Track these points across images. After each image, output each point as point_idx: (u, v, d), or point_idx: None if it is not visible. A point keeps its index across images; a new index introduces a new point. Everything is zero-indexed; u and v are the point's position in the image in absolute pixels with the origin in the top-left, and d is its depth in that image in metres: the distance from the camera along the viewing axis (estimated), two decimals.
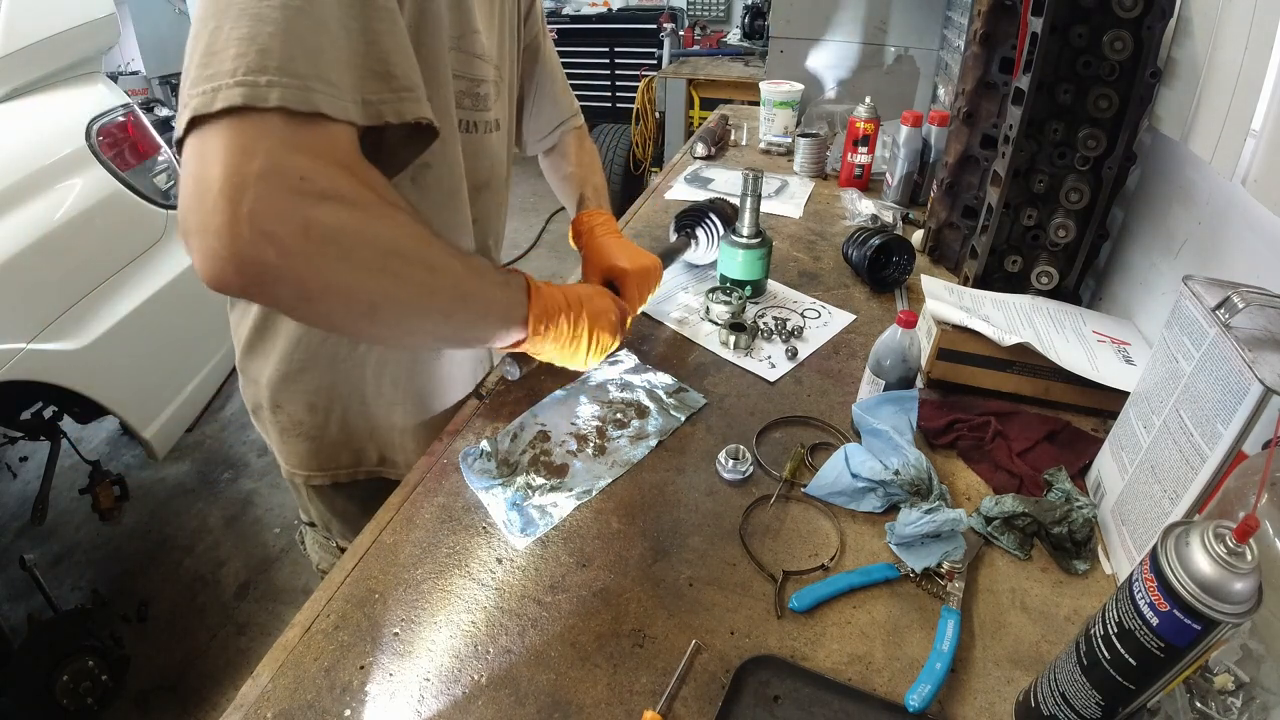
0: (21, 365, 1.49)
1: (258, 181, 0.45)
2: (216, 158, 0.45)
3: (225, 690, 1.74)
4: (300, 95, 0.47)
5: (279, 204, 0.46)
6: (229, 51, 0.46)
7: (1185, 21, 0.92)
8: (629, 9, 4.89)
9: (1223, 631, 0.44)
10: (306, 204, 0.47)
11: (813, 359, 1.03)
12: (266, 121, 0.46)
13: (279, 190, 0.46)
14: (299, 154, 0.47)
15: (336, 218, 0.49)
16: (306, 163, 0.47)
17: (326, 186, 0.48)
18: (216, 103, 0.45)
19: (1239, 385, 0.56)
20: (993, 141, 1.14)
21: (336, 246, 0.49)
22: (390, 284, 0.54)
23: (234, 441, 2.60)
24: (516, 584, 0.68)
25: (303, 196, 0.47)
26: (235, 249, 0.45)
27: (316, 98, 0.48)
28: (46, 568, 2.05)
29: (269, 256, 0.46)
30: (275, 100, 0.46)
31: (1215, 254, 0.87)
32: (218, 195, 0.45)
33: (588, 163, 1.12)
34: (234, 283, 0.47)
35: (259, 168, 0.45)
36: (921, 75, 2.31)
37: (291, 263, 0.48)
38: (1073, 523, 0.71)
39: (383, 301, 0.55)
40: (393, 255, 0.53)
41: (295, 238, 0.47)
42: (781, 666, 0.60)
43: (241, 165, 0.45)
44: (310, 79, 0.47)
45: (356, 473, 0.94)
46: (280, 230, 0.46)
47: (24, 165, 1.59)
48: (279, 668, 0.60)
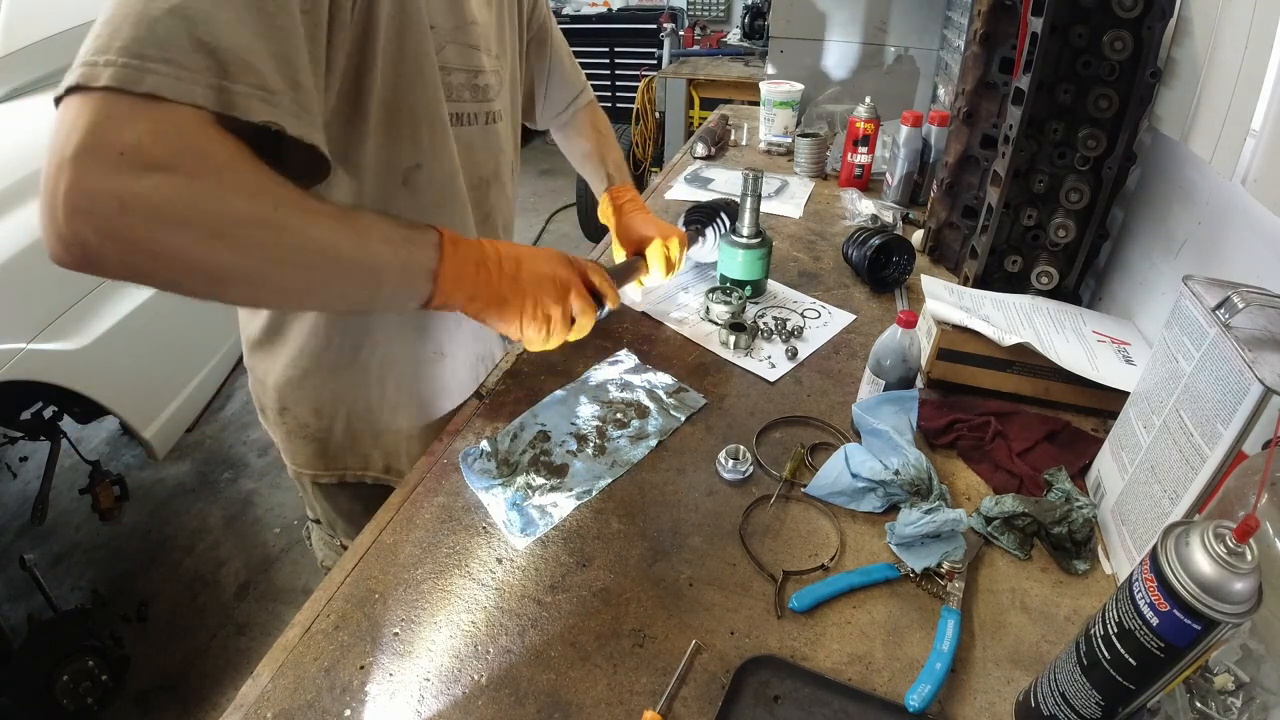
0: (21, 365, 1.49)
1: (73, 159, 0.45)
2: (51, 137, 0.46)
3: (225, 690, 1.74)
4: (135, 76, 0.46)
5: (93, 181, 0.46)
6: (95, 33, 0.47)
7: (1185, 21, 0.92)
8: (629, 9, 4.89)
9: (1223, 631, 0.44)
10: (126, 178, 0.46)
11: (813, 359, 1.03)
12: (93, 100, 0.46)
13: (95, 167, 0.46)
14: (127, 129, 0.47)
15: (160, 190, 0.48)
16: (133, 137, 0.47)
17: (154, 159, 0.47)
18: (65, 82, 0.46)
19: (1239, 385, 0.56)
20: (993, 141, 1.14)
21: (161, 218, 0.48)
22: (231, 252, 0.52)
23: (234, 441, 2.60)
24: (516, 584, 0.68)
25: (121, 172, 0.46)
26: (56, 226, 0.46)
27: (152, 79, 0.47)
28: (46, 568, 2.05)
29: (86, 233, 0.47)
30: (105, 80, 0.46)
31: (1215, 254, 0.87)
32: (47, 175, 0.46)
33: (605, 139, 1.16)
34: (66, 259, 0.48)
35: (75, 145, 0.45)
36: (921, 75, 2.31)
37: (111, 238, 0.47)
38: (1073, 523, 0.71)
39: (227, 270, 0.54)
40: (232, 223, 0.52)
41: (112, 213, 0.47)
42: (781, 666, 0.60)
43: (63, 145, 0.45)
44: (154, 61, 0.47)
45: (363, 476, 0.94)
46: (94, 205, 0.46)
47: (24, 165, 1.59)
48: (279, 668, 0.60)
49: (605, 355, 1.01)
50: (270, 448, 2.53)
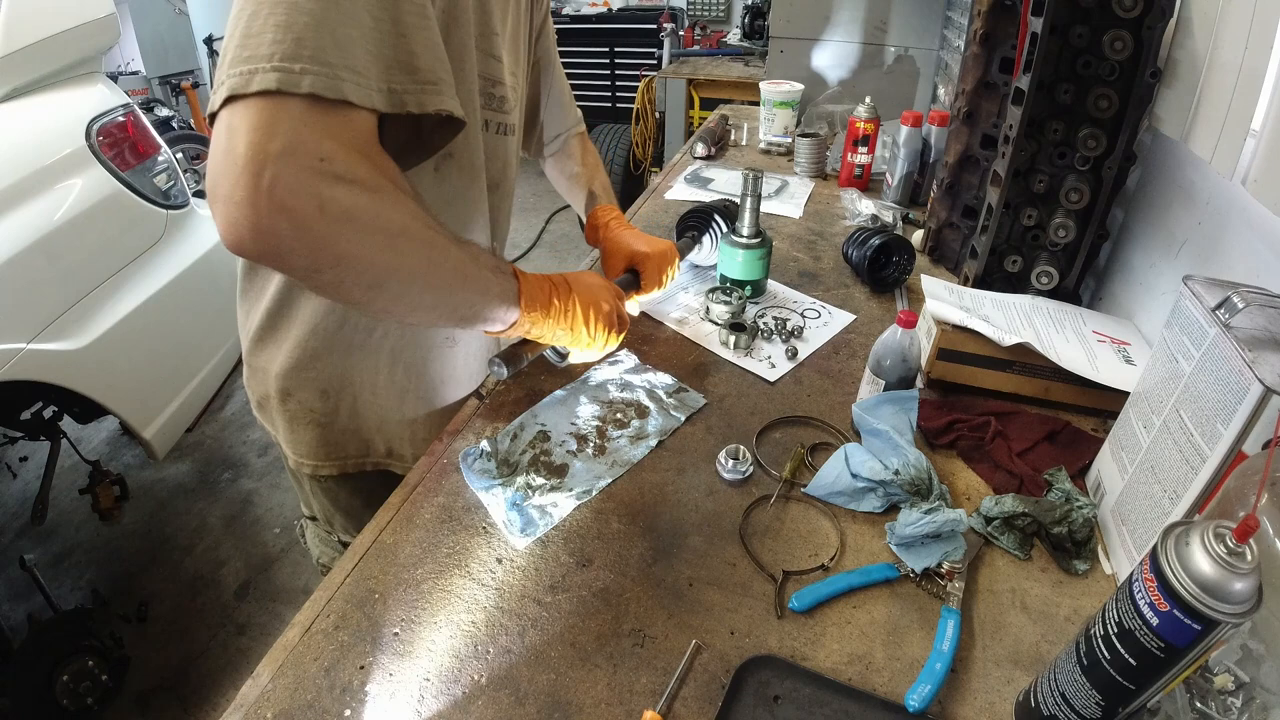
0: (21, 365, 1.49)
1: (277, 159, 0.49)
2: (243, 133, 0.49)
3: (225, 690, 1.74)
4: (330, 84, 0.50)
5: (296, 180, 0.50)
6: (266, 36, 0.50)
7: (1185, 21, 0.92)
8: (629, 9, 4.89)
9: (1223, 631, 0.44)
10: (324, 183, 0.51)
11: (813, 359, 1.03)
12: (293, 105, 0.50)
13: (298, 168, 0.50)
14: (322, 138, 0.51)
15: (351, 198, 0.52)
16: (328, 146, 0.51)
17: (344, 170, 0.52)
18: (252, 85, 0.49)
19: (1239, 385, 0.56)
20: (993, 141, 1.14)
21: (349, 224, 0.53)
22: (396, 260, 0.58)
23: (234, 441, 2.60)
24: (516, 584, 0.68)
25: (321, 176, 0.51)
26: (255, 219, 0.49)
27: (345, 86, 0.51)
28: (46, 568, 2.05)
29: (284, 228, 0.50)
30: (306, 87, 0.49)
31: (1215, 254, 0.87)
32: (242, 169, 0.48)
33: (592, 163, 1.17)
34: (251, 249, 0.51)
35: (279, 146, 0.49)
36: (921, 75, 2.31)
37: (305, 235, 0.51)
38: (1073, 523, 0.71)
39: (388, 276, 0.59)
40: (400, 236, 0.57)
41: (310, 213, 0.51)
42: (781, 666, 0.60)
43: (265, 143, 0.49)
44: (339, 68, 0.51)
45: (364, 464, 0.94)
46: (297, 204, 0.50)
47: (24, 165, 1.59)
48: (279, 668, 0.60)
49: (605, 355, 1.01)
50: (270, 448, 2.54)
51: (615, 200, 1.14)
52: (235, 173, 0.48)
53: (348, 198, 0.52)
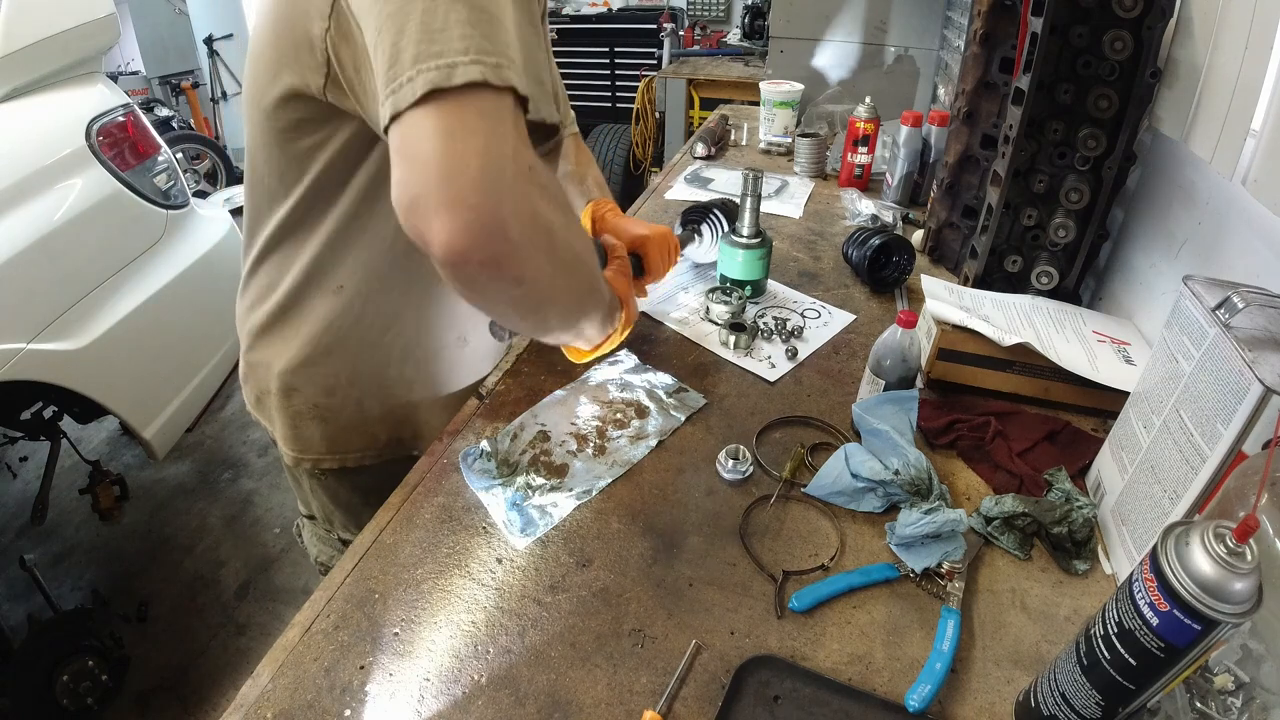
0: (21, 365, 1.49)
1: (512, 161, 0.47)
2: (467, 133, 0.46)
3: (225, 690, 1.74)
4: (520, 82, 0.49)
5: (522, 189, 0.48)
6: (454, 31, 0.47)
7: (1185, 21, 0.92)
8: (629, 9, 4.89)
9: (1223, 631, 0.44)
10: (535, 193, 0.50)
11: (813, 359, 1.03)
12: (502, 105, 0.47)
13: (523, 173, 0.48)
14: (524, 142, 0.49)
15: (550, 212, 0.52)
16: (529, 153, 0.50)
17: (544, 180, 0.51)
18: (455, 77, 0.46)
19: (1239, 385, 0.56)
20: (993, 141, 1.14)
21: (549, 239, 0.52)
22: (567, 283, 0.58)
23: (234, 441, 2.60)
24: (516, 584, 0.68)
25: (532, 186, 0.49)
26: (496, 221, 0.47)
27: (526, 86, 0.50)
28: (46, 568, 2.05)
29: (517, 233, 0.48)
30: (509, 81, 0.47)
31: (1215, 254, 0.87)
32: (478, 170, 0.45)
33: (585, 160, 1.16)
34: (482, 254, 0.48)
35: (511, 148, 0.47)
36: (921, 75, 2.31)
37: (527, 244, 0.50)
38: (1073, 523, 0.71)
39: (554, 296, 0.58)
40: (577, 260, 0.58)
41: (527, 225, 0.49)
42: (781, 666, 0.60)
43: (497, 147, 0.46)
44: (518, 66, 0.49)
45: (364, 457, 0.94)
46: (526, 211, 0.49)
47: (24, 165, 1.59)
48: (279, 668, 0.60)
49: (605, 355, 1.01)
50: (270, 448, 2.53)
51: (610, 195, 1.14)
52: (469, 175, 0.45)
53: (548, 211, 0.51)
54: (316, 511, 1.02)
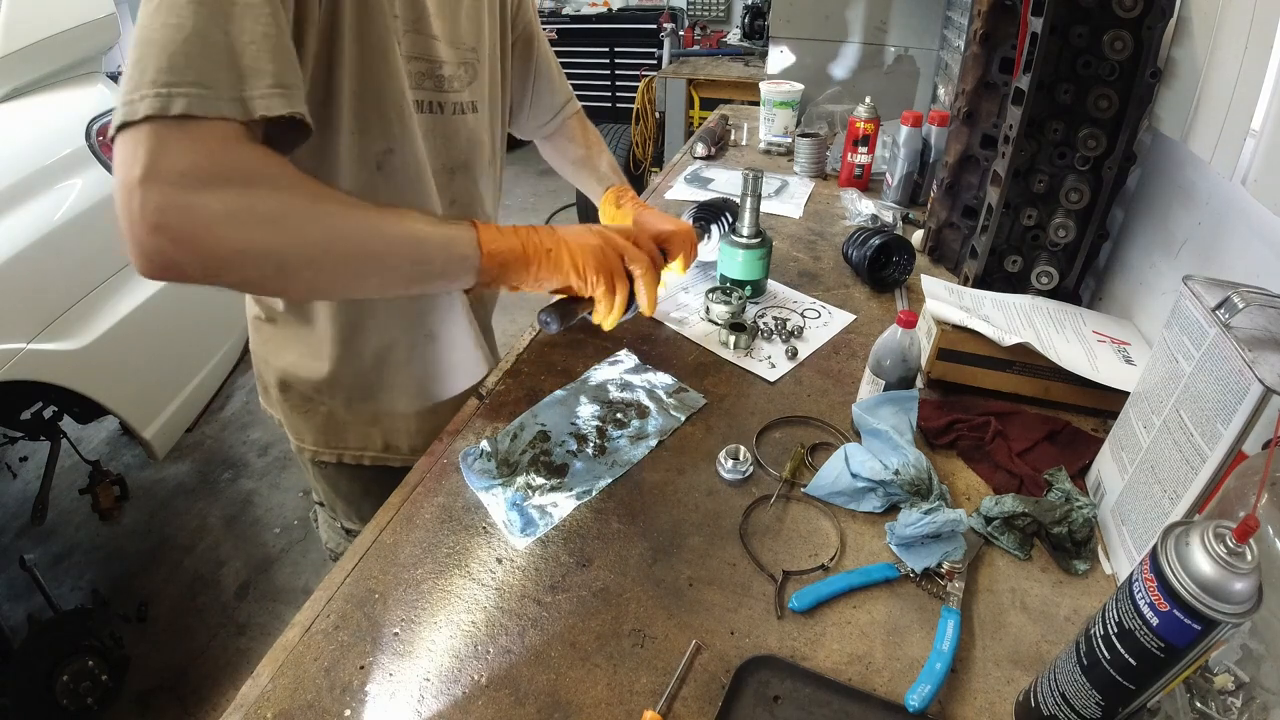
0: (21, 365, 1.49)
1: (140, 185, 0.52)
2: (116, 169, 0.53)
3: (225, 690, 1.74)
4: (163, 103, 0.52)
5: (161, 199, 0.52)
6: (127, 75, 0.53)
7: (1185, 21, 0.92)
8: (629, 9, 4.89)
9: (1223, 631, 0.44)
10: (188, 194, 0.53)
11: (813, 359, 1.03)
12: (141, 132, 0.52)
13: (160, 188, 0.52)
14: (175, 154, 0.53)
15: (221, 200, 0.54)
16: (188, 160, 0.53)
17: (208, 177, 0.54)
18: (113, 125, 0.53)
19: (1239, 385, 0.56)
20: (993, 141, 1.14)
21: (225, 224, 0.55)
22: (289, 241, 0.59)
23: (234, 441, 2.60)
24: (516, 584, 0.68)
25: (182, 189, 0.53)
26: (138, 242, 0.53)
27: (179, 103, 0.53)
28: (46, 568, 2.05)
29: (165, 244, 0.53)
30: (144, 111, 0.52)
31: (1215, 254, 0.87)
32: (119, 205, 0.53)
33: (595, 142, 1.15)
34: (150, 271, 0.54)
35: (139, 173, 0.52)
36: (921, 75, 2.31)
37: (186, 244, 0.54)
38: (1073, 523, 0.71)
39: (288, 258, 0.59)
40: (283, 218, 0.58)
41: (183, 225, 0.53)
42: (781, 666, 0.60)
43: (128, 174, 0.52)
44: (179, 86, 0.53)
45: (362, 456, 0.95)
46: (167, 220, 0.53)
47: (24, 165, 1.59)
48: (279, 668, 0.60)
49: (605, 355, 1.01)
50: (270, 447, 2.54)
51: (625, 180, 1.13)
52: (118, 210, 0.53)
53: (216, 200, 0.54)
54: (323, 498, 1.03)
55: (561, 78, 1.12)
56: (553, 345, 1.03)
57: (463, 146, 0.87)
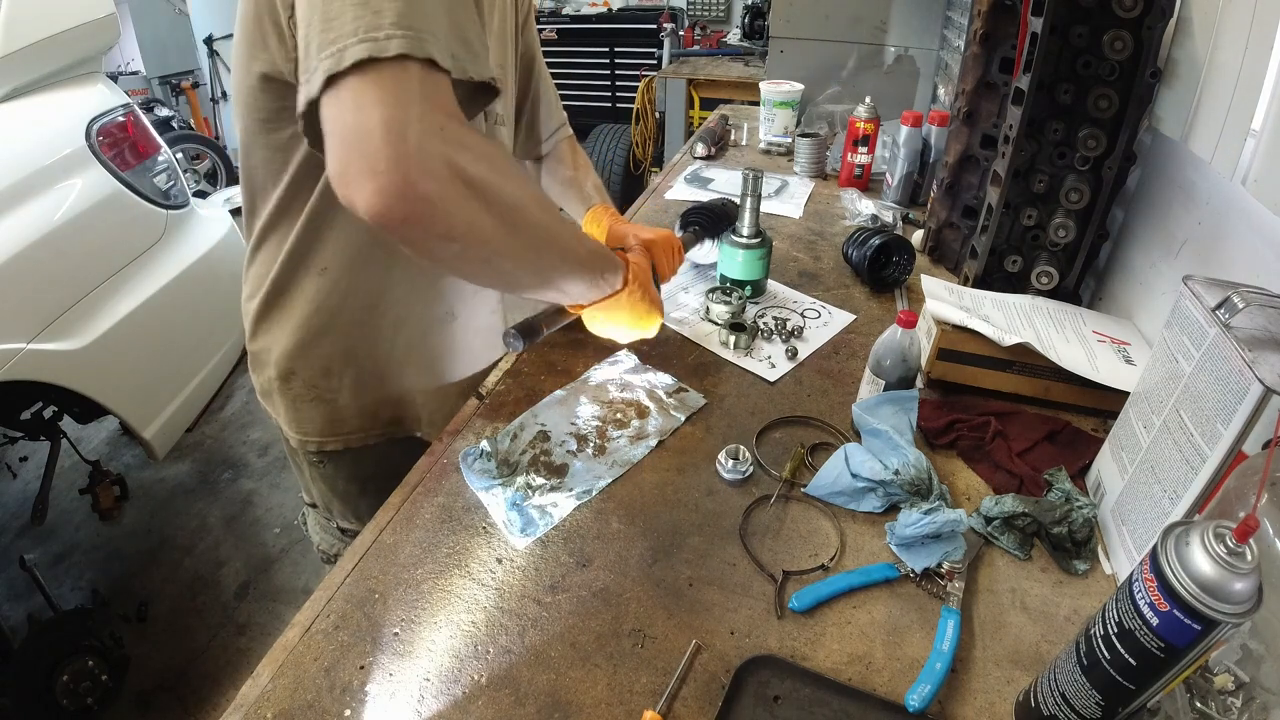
0: (21, 365, 1.49)
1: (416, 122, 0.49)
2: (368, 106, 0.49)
3: (225, 690, 1.74)
4: (416, 43, 0.50)
5: (434, 146, 0.50)
6: (346, 16, 0.50)
7: (1185, 21, 0.92)
8: (629, 9, 4.89)
9: (1223, 631, 0.44)
10: (452, 150, 0.52)
11: (813, 359, 1.03)
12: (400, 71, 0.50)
13: (430, 134, 0.50)
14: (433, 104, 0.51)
15: (476, 167, 0.54)
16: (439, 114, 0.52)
17: (460, 137, 0.53)
18: (345, 60, 0.49)
19: (1239, 385, 0.56)
20: (993, 141, 1.14)
21: (479, 192, 0.54)
22: (510, 235, 0.60)
23: (234, 441, 2.60)
24: (516, 584, 0.68)
25: (447, 142, 0.51)
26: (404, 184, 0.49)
27: (430, 47, 0.51)
28: (46, 568, 2.05)
29: (432, 190, 0.51)
30: (395, 49, 0.49)
31: (1215, 254, 0.87)
32: (381, 138, 0.48)
33: (583, 165, 1.17)
34: (399, 214, 0.51)
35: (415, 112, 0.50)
36: (921, 75, 2.31)
37: (446, 200, 0.52)
38: (1073, 523, 0.71)
39: (502, 249, 0.60)
40: (517, 209, 0.59)
41: (450, 178, 0.52)
42: (781, 666, 0.60)
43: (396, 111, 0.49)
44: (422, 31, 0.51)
45: (367, 437, 0.95)
46: (437, 168, 0.51)
47: (24, 165, 1.59)
48: (279, 668, 0.60)
49: (605, 355, 1.01)
50: (270, 447, 2.54)
51: (609, 200, 1.14)
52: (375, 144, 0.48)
53: (473, 166, 0.53)
54: (317, 499, 1.03)
55: (557, 101, 1.14)
56: (553, 345, 1.03)
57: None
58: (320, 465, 0.97)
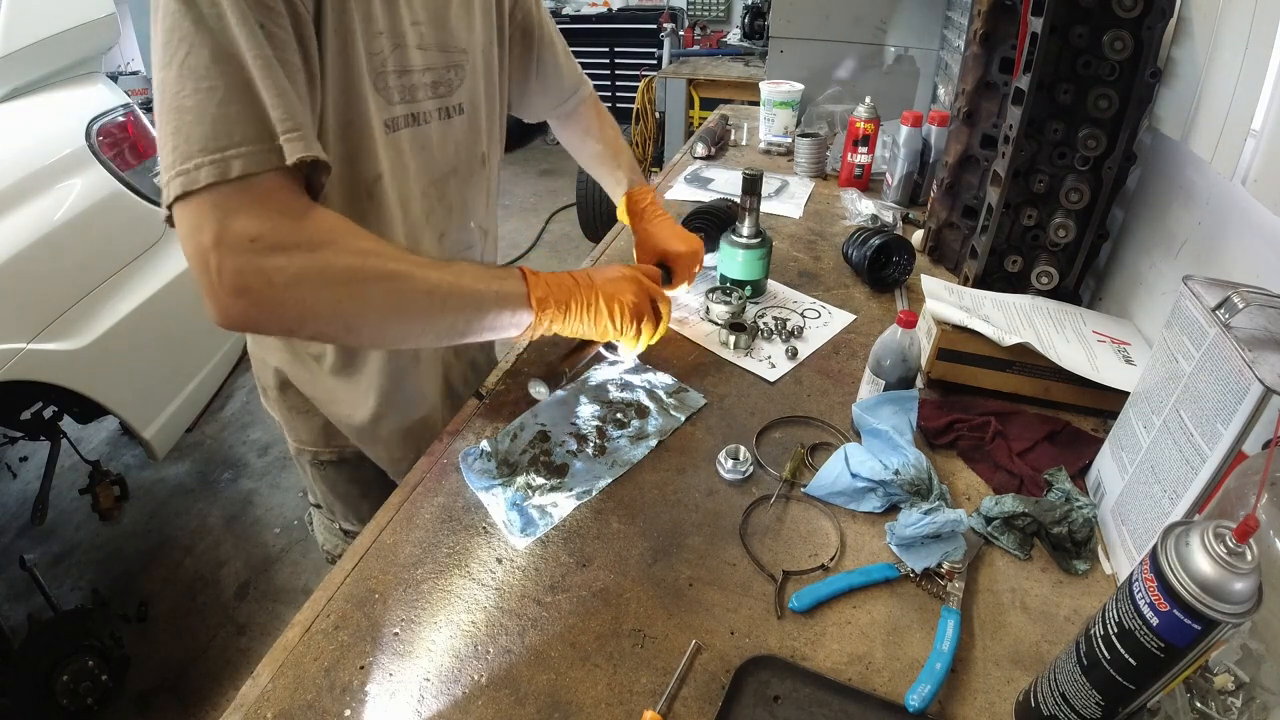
0: (21, 365, 1.49)
1: (214, 251, 0.55)
2: (186, 238, 0.56)
3: (225, 690, 1.74)
4: (222, 168, 0.55)
5: (237, 263, 0.55)
6: (166, 146, 0.55)
7: (1185, 21, 0.92)
8: (629, 9, 4.89)
9: (1223, 631, 0.44)
10: (261, 259, 0.56)
11: (813, 359, 1.03)
12: (205, 200, 0.55)
13: (235, 254, 0.55)
14: (241, 218, 0.56)
15: (291, 262, 0.57)
16: (253, 226, 0.56)
17: (276, 241, 0.57)
18: (169, 194, 0.55)
19: (1239, 385, 0.56)
20: (993, 141, 1.14)
21: (300, 286, 0.58)
22: (358, 303, 0.62)
23: (234, 441, 2.60)
24: (516, 584, 0.68)
25: (256, 254, 0.56)
26: (220, 305, 0.57)
27: (235, 164, 0.55)
28: (46, 568, 2.05)
29: (245, 306, 0.57)
30: (205, 179, 0.54)
31: (1215, 254, 0.87)
32: (195, 268, 0.56)
33: (612, 138, 1.15)
34: (231, 327, 0.58)
35: (211, 240, 0.55)
36: (921, 75, 2.31)
37: (265, 306, 0.58)
38: (1073, 523, 0.71)
39: (354, 317, 0.63)
40: (351, 282, 0.62)
41: (261, 288, 0.57)
42: (781, 666, 0.60)
43: (200, 241, 0.55)
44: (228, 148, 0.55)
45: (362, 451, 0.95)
46: (248, 283, 0.56)
47: (24, 165, 1.59)
48: (279, 668, 0.60)
49: (609, 350, 1.01)
50: (270, 447, 2.54)
51: (642, 176, 1.15)
52: (195, 272, 0.56)
53: (289, 264, 0.57)
54: (320, 500, 1.03)
55: (569, 61, 1.09)
56: (553, 345, 1.03)
57: (450, 152, 0.85)
58: (322, 468, 0.97)
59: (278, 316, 0.59)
